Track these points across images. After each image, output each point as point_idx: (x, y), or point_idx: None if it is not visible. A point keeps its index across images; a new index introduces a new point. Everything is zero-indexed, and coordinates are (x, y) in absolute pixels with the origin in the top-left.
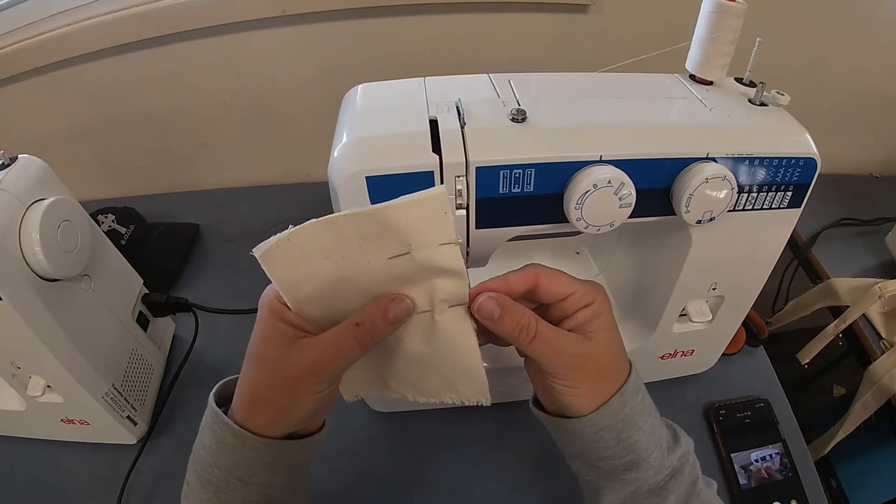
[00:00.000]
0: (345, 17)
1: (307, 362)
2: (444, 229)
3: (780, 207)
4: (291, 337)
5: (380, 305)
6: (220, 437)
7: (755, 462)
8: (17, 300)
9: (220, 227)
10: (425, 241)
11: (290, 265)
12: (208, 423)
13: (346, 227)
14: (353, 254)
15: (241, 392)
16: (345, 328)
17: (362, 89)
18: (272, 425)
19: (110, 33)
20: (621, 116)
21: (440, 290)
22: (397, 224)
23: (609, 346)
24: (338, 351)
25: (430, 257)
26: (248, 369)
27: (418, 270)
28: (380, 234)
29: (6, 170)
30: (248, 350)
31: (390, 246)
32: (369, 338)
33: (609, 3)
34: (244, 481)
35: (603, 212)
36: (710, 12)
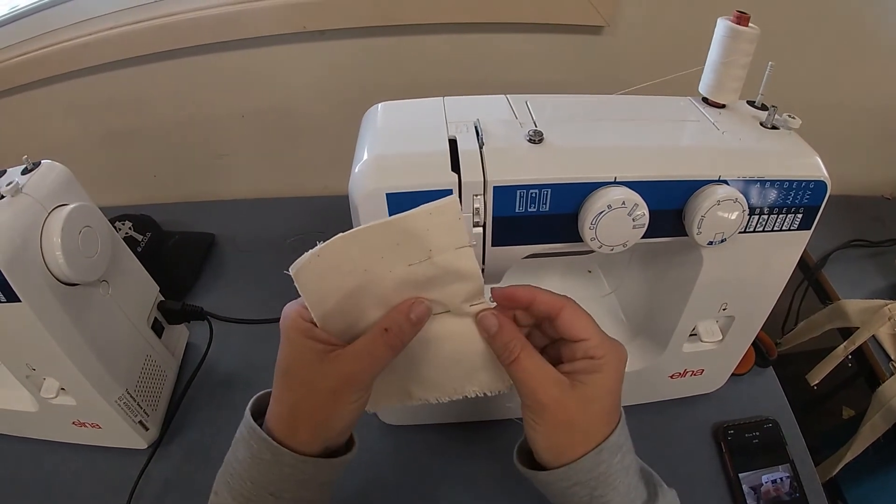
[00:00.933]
0: (364, 34)
1: (344, 373)
2: (459, 233)
3: (791, 229)
4: (322, 352)
5: (402, 310)
6: (257, 452)
7: (764, 483)
8: (35, 303)
9: (235, 237)
10: (444, 244)
11: (319, 280)
12: (244, 436)
13: (370, 238)
14: (375, 264)
15: (277, 410)
16: (374, 335)
17: (382, 108)
18: (313, 440)
19: (132, 44)
20: (635, 139)
21: (459, 292)
22: (419, 231)
23: (590, 405)
24: (371, 358)
25: (448, 260)
26: (283, 388)
27: (437, 275)
28: (403, 242)
29: (29, 175)
30: (279, 368)
31: (412, 253)
32: (398, 341)
33: (623, 25)
34: (276, 496)
35: (617, 232)
36: (724, 37)
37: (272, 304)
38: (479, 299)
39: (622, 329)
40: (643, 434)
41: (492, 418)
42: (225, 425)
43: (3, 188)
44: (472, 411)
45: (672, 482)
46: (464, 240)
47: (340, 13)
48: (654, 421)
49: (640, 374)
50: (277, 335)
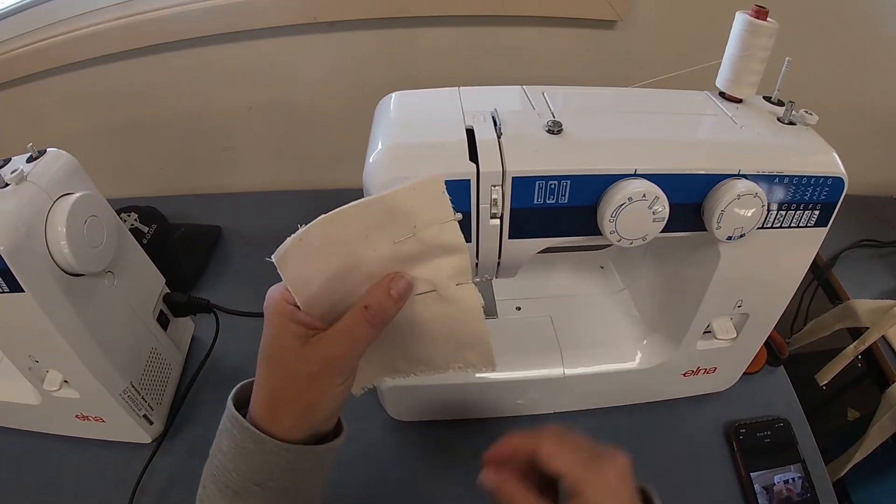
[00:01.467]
0: (374, 26)
1: (325, 356)
2: (444, 208)
3: (808, 226)
4: (304, 336)
5: (382, 285)
6: (240, 442)
7: (777, 483)
8: (39, 293)
9: (242, 230)
10: (429, 220)
11: (302, 265)
12: (226, 427)
13: (352, 218)
14: (358, 244)
15: (259, 396)
16: (355, 314)
17: (396, 97)
18: (297, 426)
19: (139, 34)
20: (655, 131)
21: (445, 268)
22: (403, 207)
23: None
24: (353, 338)
25: (434, 235)
26: (264, 373)
27: (423, 250)
28: (386, 220)
29: (34, 163)
30: (261, 354)
31: (397, 230)
32: (379, 318)
33: (636, 19)
34: (262, 486)
35: (636, 225)
36: (742, 31)
37: None
38: (465, 278)
39: (635, 326)
40: (655, 432)
41: (501, 415)
42: None
43: (8, 176)
44: (479, 408)
45: (684, 480)
46: (449, 214)
47: (352, 4)
48: (666, 419)
49: (653, 371)
50: None
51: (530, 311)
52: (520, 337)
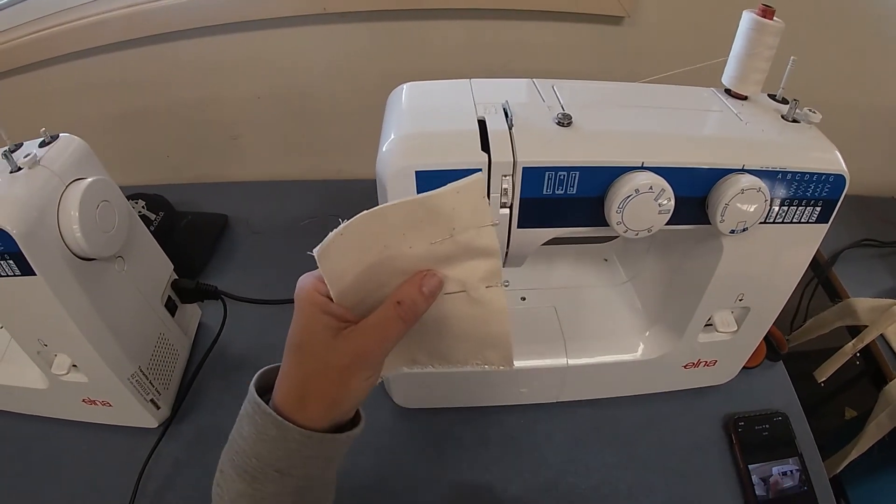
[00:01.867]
0: (384, 18)
1: (356, 349)
2: (483, 212)
3: (809, 222)
4: (335, 328)
5: (415, 282)
6: (262, 428)
7: (774, 474)
8: (51, 276)
9: (248, 218)
10: (467, 223)
11: (340, 259)
12: (248, 412)
13: (393, 215)
14: (396, 241)
15: (286, 385)
16: (387, 309)
17: (408, 88)
18: (323, 416)
19: (149, 23)
20: (662, 125)
21: (476, 270)
22: (445, 210)
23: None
24: (384, 332)
25: (471, 238)
26: (293, 362)
27: (458, 252)
28: (426, 220)
29: (47, 147)
30: (290, 342)
31: (435, 231)
32: (410, 314)
33: (643, 16)
34: (282, 473)
35: (642, 217)
36: (749, 29)
37: (284, 286)
38: (495, 280)
39: (638, 317)
40: (655, 423)
41: (506, 403)
42: (236, 405)
43: (21, 160)
44: (488, 396)
45: (683, 471)
46: (487, 219)
47: None
48: (666, 410)
49: (655, 363)
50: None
51: (535, 302)
52: (524, 327)
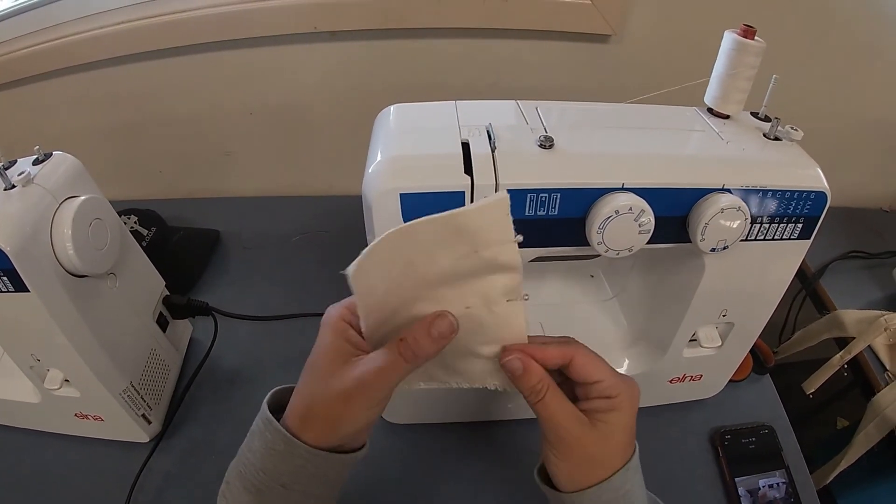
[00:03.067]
0: (374, 36)
1: (357, 379)
2: (507, 229)
3: (791, 238)
4: (348, 354)
5: (424, 322)
6: (271, 443)
7: (761, 487)
8: (44, 293)
9: (240, 234)
10: (491, 240)
11: (367, 278)
12: (259, 428)
13: (422, 233)
14: (421, 258)
15: (296, 402)
16: (391, 345)
17: (395, 110)
18: (322, 437)
19: (142, 39)
20: (643, 146)
21: (498, 285)
22: (471, 227)
23: (608, 441)
24: (384, 368)
25: (494, 255)
26: (305, 382)
27: (480, 267)
28: (453, 237)
29: (40, 165)
30: (307, 363)
31: (460, 248)
32: (412, 354)
33: (630, 34)
34: (287, 488)
35: (623, 237)
36: (730, 49)
37: (276, 302)
38: (516, 295)
39: (623, 333)
40: (641, 438)
41: (494, 419)
42: (227, 420)
43: (15, 178)
44: (476, 412)
45: (669, 486)
46: (510, 235)
47: (351, 15)
48: (653, 425)
49: (640, 378)
50: (281, 332)
51: None
52: None
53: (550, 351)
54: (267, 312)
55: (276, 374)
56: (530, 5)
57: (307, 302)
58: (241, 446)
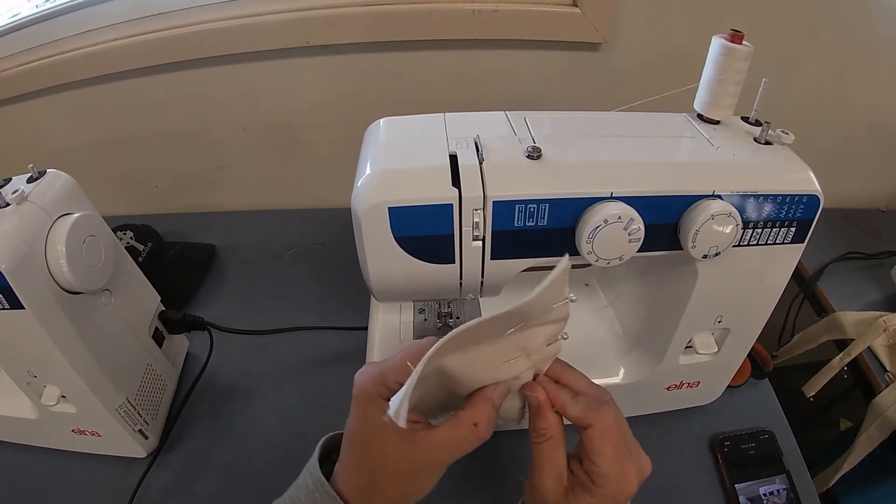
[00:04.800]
0: (365, 49)
1: (428, 460)
2: (563, 291)
3: (785, 243)
4: (402, 432)
5: (487, 399)
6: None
7: (762, 494)
8: (39, 310)
9: (236, 248)
10: (547, 306)
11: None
12: (308, 486)
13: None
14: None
15: (352, 478)
16: (463, 428)
17: (385, 123)
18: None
19: (136, 55)
20: (632, 154)
21: (541, 335)
22: (535, 313)
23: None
24: (458, 448)
25: (544, 319)
26: (358, 458)
27: (531, 328)
28: (510, 324)
29: (34, 183)
30: (352, 439)
31: (510, 324)
32: (486, 433)
33: (620, 42)
34: None
35: (613, 246)
36: (718, 55)
37: (272, 316)
38: (556, 338)
39: (619, 341)
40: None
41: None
42: (224, 435)
43: (9, 196)
44: None
45: (669, 493)
46: (564, 295)
47: (343, 29)
48: (651, 432)
49: (637, 386)
50: (277, 346)
51: None
52: None
53: (571, 409)
54: (263, 326)
55: (273, 389)
56: (520, 15)
57: (303, 316)
58: (284, 496)
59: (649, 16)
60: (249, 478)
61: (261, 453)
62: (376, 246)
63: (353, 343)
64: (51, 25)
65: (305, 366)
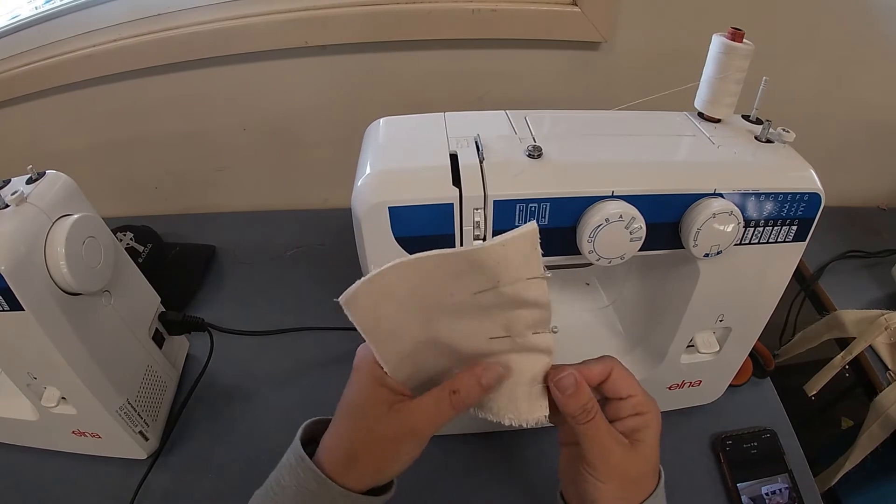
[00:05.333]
0: (364, 49)
1: (408, 425)
2: (533, 264)
3: (786, 241)
4: (390, 401)
5: (475, 373)
6: (303, 482)
7: (764, 493)
8: (39, 312)
9: (236, 249)
10: (513, 276)
11: (372, 307)
12: (290, 464)
13: (431, 266)
14: (433, 290)
15: (334, 445)
16: (443, 395)
17: (384, 123)
18: (364, 480)
19: (136, 56)
20: (632, 153)
21: (524, 318)
22: (489, 263)
23: (647, 459)
24: (436, 416)
25: (518, 291)
26: (345, 426)
27: (503, 302)
28: (468, 272)
29: (34, 184)
30: (344, 407)
31: (477, 282)
32: (463, 404)
33: (620, 41)
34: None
35: (614, 245)
36: (718, 53)
37: (272, 316)
38: (543, 328)
39: (620, 341)
40: None
41: (488, 430)
42: (225, 436)
43: (8, 197)
44: (470, 424)
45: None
46: (537, 270)
47: (341, 29)
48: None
49: None
50: (277, 347)
51: None
52: None
53: (593, 367)
54: (263, 327)
55: (273, 389)
56: (519, 14)
57: (303, 316)
58: (268, 478)
59: (649, 14)
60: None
61: (261, 454)
62: (377, 246)
63: (354, 344)
64: (50, 27)
65: (306, 367)
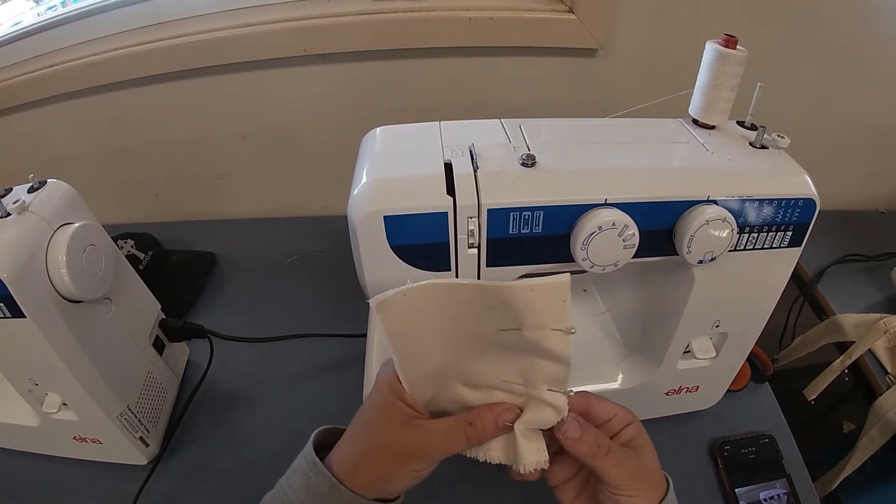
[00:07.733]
0: (363, 58)
1: (419, 444)
2: (559, 316)
3: (781, 247)
4: (406, 416)
5: (493, 411)
6: (314, 485)
7: (762, 498)
8: (40, 319)
9: (236, 256)
10: (538, 322)
11: (402, 318)
12: (303, 468)
13: (464, 293)
14: (465, 315)
15: (346, 451)
16: (459, 425)
17: (381, 132)
18: (369, 489)
19: (137, 64)
20: (626, 161)
21: (542, 370)
22: (515, 304)
23: (653, 457)
24: (448, 442)
25: (538, 339)
26: (360, 434)
27: (524, 346)
28: (496, 307)
29: (35, 193)
30: (362, 416)
31: (503, 320)
32: (476, 438)
33: (617, 48)
34: None
35: (607, 252)
36: (712, 60)
37: (272, 323)
38: (559, 386)
39: (617, 347)
40: None
41: None
42: (225, 442)
43: (10, 206)
44: None
45: None
46: (563, 323)
47: (340, 37)
48: (651, 437)
49: (635, 391)
50: (277, 354)
51: None
52: None
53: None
54: (263, 334)
55: (273, 396)
56: (516, 22)
57: (303, 323)
58: (279, 480)
59: (645, 21)
60: (250, 485)
61: (261, 460)
62: (372, 254)
63: (353, 350)
64: (52, 35)
65: (305, 373)
